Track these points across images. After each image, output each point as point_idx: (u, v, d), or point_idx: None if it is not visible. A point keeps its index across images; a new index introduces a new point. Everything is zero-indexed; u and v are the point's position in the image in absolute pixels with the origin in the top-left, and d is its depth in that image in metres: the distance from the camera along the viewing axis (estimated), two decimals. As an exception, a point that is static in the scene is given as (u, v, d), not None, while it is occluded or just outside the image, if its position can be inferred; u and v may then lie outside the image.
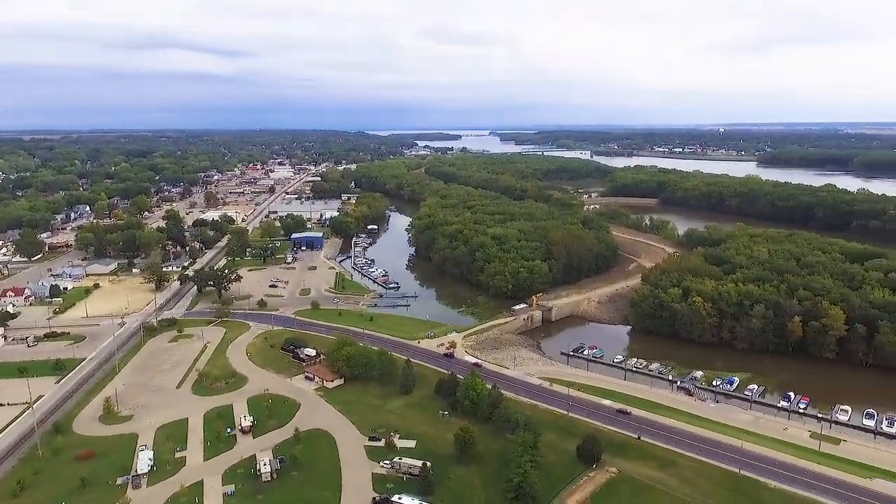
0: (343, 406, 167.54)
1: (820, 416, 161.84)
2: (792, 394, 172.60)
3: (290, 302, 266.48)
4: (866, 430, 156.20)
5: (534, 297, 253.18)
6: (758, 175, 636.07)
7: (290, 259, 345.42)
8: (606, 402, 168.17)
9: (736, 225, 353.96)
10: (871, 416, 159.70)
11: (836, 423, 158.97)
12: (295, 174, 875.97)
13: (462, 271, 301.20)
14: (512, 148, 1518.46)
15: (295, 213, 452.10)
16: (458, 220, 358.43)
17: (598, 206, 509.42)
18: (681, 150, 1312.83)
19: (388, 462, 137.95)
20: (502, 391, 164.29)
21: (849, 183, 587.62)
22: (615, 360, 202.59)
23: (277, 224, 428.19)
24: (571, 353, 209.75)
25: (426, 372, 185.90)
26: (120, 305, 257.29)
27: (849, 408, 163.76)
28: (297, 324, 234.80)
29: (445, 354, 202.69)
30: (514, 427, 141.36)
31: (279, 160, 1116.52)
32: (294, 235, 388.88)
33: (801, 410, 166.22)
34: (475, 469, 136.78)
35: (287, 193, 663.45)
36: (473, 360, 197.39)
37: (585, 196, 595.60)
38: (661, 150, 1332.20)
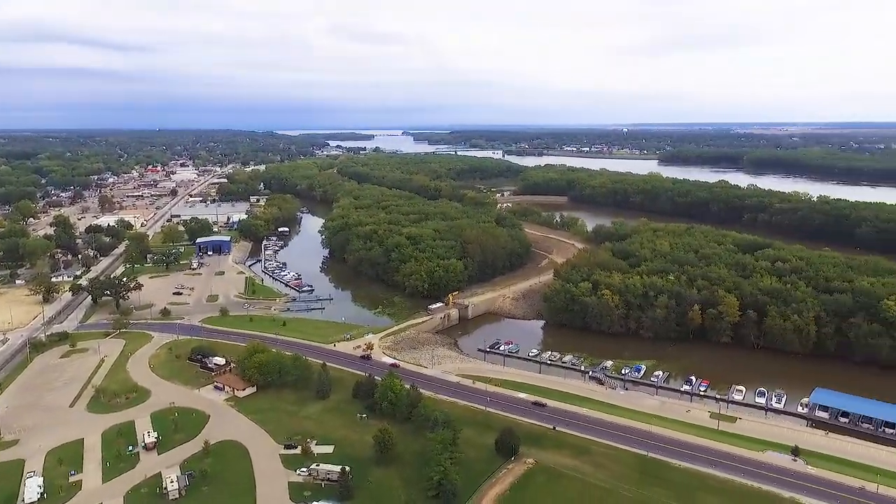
0: (256, 415, 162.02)
1: (718, 397, 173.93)
2: (693, 378, 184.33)
3: (196, 309, 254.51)
4: (758, 407, 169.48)
5: (450, 295, 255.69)
6: (659, 173, 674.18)
7: (195, 265, 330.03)
8: (522, 395, 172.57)
9: (640, 220, 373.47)
10: (762, 395, 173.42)
11: (733, 402, 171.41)
12: (199, 176, 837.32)
13: (378, 272, 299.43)
14: (425, 148, 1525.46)
15: (200, 217, 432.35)
16: (372, 220, 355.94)
17: (510, 205, 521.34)
18: (588, 149, 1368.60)
19: (304, 469, 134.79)
20: (421, 391, 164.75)
21: (740, 179, 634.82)
22: (530, 354, 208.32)
23: (181, 228, 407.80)
24: (488, 350, 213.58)
25: (343, 375, 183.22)
26: (1, 320, 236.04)
27: (743, 388, 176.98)
28: (204, 332, 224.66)
29: (362, 356, 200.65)
30: (433, 426, 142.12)
31: (181, 161, 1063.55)
32: (199, 240, 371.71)
33: (701, 393, 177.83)
34: (395, 470, 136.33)
35: (191, 196, 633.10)
36: (391, 360, 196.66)
37: (498, 195, 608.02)
38: (569, 149, 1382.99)
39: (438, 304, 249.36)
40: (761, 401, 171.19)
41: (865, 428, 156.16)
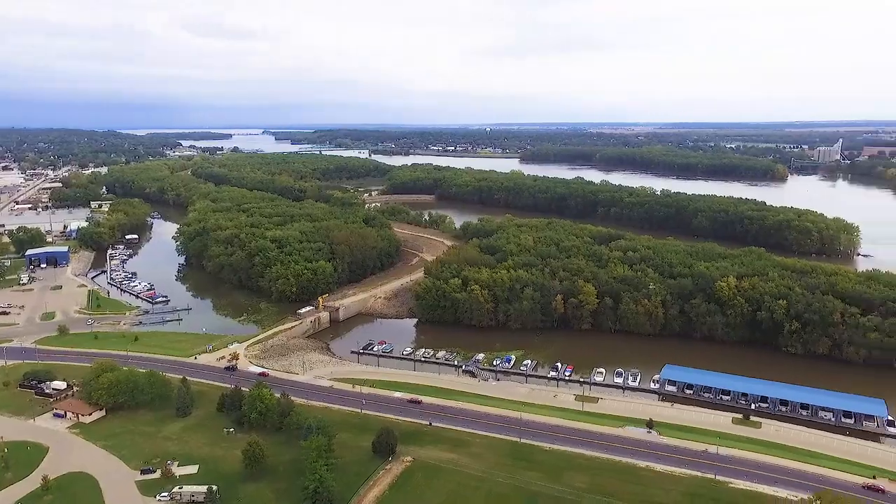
0: (107, 441, 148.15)
1: (582, 380, 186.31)
2: (559, 364, 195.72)
3: (28, 330, 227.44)
4: (617, 386, 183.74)
5: (320, 298, 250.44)
6: (521, 171, 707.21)
7: (25, 279, 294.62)
8: (398, 394, 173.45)
9: (505, 216, 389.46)
10: (620, 375, 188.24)
11: (595, 384, 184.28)
12: (27, 180, 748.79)
13: (241, 278, 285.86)
14: (288, 147, 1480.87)
15: (30, 226, 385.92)
16: (232, 224, 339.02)
17: (379, 204, 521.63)
18: (453, 148, 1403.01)
19: (166, 494, 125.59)
20: (293, 398, 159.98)
21: (594, 176, 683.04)
22: (404, 353, 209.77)
23: (6, 239, 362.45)
24: (362, 351, 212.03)
25: (206, 389, 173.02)
26: None
27: (603, 370, 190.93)
28: (39, 354, 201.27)
29: (227, 368, 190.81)
30: (306, 433, 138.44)
31: (3, 164, 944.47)
32: (30, 252, 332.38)
33: (567, 378, 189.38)
34: (267, 483, 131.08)
35: (17, 203, 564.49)
36: (259, 369, 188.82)
37: (366, 195, 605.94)
38: (435, 148, 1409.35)
39: (308, 308, 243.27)
40: (619, 380, 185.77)
41: (707, 397, 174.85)
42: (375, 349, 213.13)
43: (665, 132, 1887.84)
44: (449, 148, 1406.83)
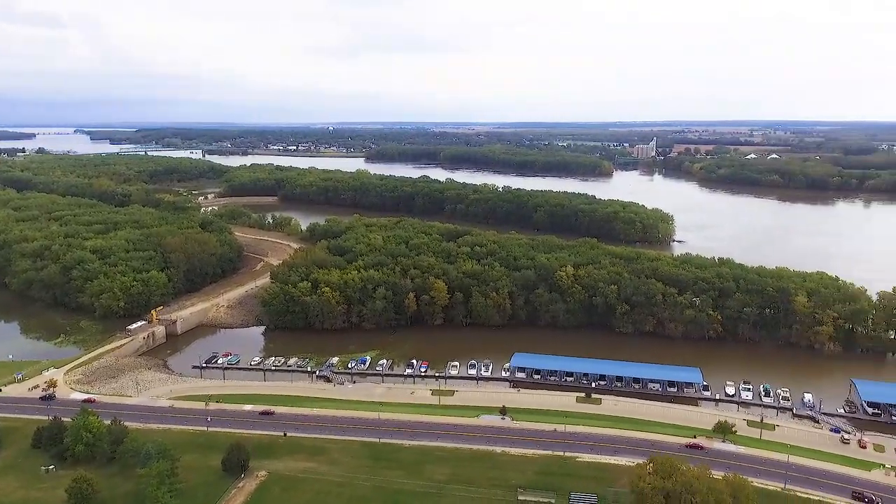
0: None
1: (437, 375, 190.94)
2: (414, 361, 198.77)
3: None
4: (471, 378, 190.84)
5: (153, 311, 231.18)
6: (367, 170, 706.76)
7: None
8: (248, 407, 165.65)
9: (353, 216, 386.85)
10: (473, 366, 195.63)
11: (450, 377, 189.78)
12: None
13: (55, 294, 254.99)
14: (107, 148, 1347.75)
15: None
16: (42, 234, 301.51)
17: (216, 208, 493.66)
18: (295, 147, 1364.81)
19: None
20: (126, 424, 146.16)
21: (439, 174, 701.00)
22: (253, 363, 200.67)
23: None
24: (205, 365, 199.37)
25: (17, 424, 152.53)
26: None
27: (457, 363, 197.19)
28: None
29: (44, 397, 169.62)
30: (145, 459, 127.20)
31: None
32: None
33: (423, 374, 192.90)
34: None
35: None
36: (84, 395, 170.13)
37: (202, 198, 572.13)
38: (276, 147, 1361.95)
39: (140, 323, 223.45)
40: (473, 372, 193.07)
41: (553, 380, 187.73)
42: (220, 362, 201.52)
43: (503, 132, 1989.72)
44: (290, 147, 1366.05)
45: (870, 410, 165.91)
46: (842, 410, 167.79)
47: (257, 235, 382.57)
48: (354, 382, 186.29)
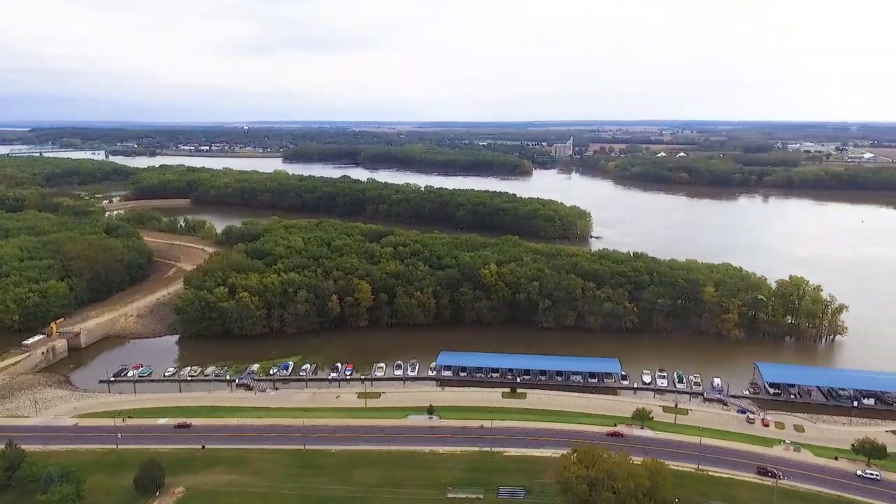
0: None
1: (363, 377, 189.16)
2: (339, 364, 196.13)
3: None
4: (398, 378, 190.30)
5: (53, 324, 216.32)
6: (285, 170, 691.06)
7: None
8: (162, 420, 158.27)
9: (271, 218, 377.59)
10: (399, 367, 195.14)
11: (376, 379, 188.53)
12: None
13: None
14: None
15: None
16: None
17: (123, 212, 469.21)
18: (208, 147, 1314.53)
19: None
20: (23, 447, 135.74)
21: (360, 174, 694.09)
22: (167, 374, 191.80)
23: None
24: (113, 379, 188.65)
25: None
26: None
27: (383, 364, 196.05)
28: None
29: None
30: (46, 484, 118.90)
31: None
32: None
33: (348, 377, 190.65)
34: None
35: None
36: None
37: (106, 201, 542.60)
38: (187, 148, 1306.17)
39: (38, 338, 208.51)
40: (399, 373, 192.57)
41: (479, 377, 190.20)
42: (130, 374, 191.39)
43: (424, 131, 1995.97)
44: (203, 148, 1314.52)
45: (771, 391, 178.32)
46: (747, 392, 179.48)
47: (169, 240, 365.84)
48: (277, 389, 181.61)
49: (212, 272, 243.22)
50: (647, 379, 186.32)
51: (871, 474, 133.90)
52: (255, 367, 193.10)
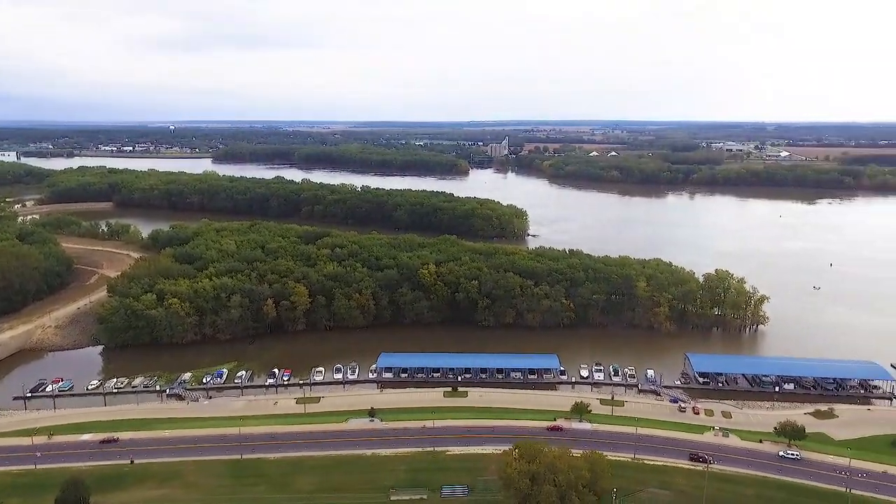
0: None
1: (301, 382, 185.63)
2: (276, 370, 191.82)
3: None
4: (337, 382, 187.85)
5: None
6: (215, 171, 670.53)
7: None
8: (86, 436, 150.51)
9: (201, 221, 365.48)
10: (339, 370, 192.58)
11: (315, 384, 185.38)
12: None
13: None
14: None
15: None
16: None
17: (38, 216, 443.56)
18: (131, 148, 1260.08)
19: None
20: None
21: (294, 175, 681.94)
22: (90, 388, 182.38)
23: None
24: (30, 395, 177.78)
25: None
26: None
27: (322, 368, 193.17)
28: None
29: None
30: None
31: None
32: None
33: (286, 382, 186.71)
34: None
35: None
36: None
37: (18, 206, 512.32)
38: (108, 149, 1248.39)
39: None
40: (339, 376, 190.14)
41: (420, 378, 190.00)
42: (49, 389, 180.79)
43: (360, 130, 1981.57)
44: (126, 148, 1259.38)
45: (701, 380, 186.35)
46: (678, 382, 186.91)
47: (90, 245, 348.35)
48: (210, 398, 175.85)
49: (138, 278, 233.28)
50: (584, 373, 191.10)
51: (791, 454, 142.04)
52: (187, 376, 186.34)
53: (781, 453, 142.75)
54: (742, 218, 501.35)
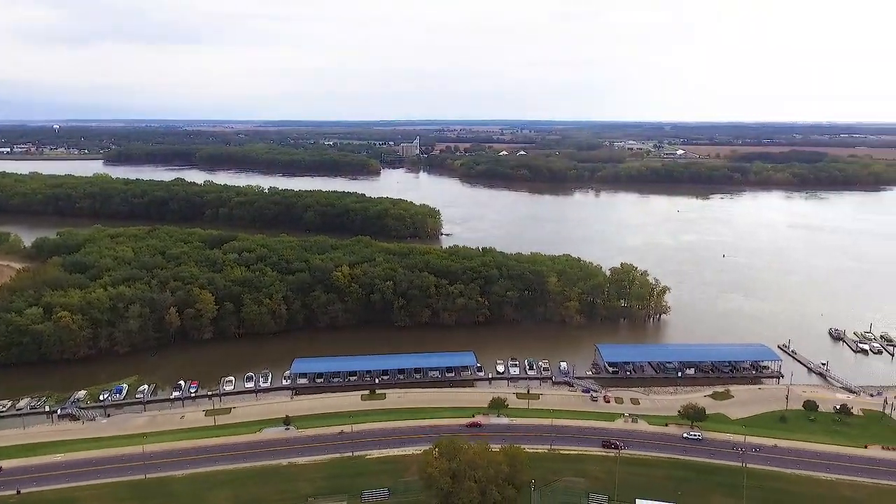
0: None
1: (210, 393, 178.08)
2: (182, 382, 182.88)
3: None
4: (249, 391, 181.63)
5: None
6: (107, 173, 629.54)
7: None
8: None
9: (93, 227, 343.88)
10: (250, 379, 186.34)
11: (225, 394, 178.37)
12: None
13: None
14: None
15: None
16: None
17: None
18: (9, 150, 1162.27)
19: None
20: None
21: (196, 176, 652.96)
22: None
23: None
24: None
25: None
26: None
27: (233, 377, 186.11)
28: None
29: None
30: None
31: None
32: None
33: (193, 395, 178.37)
34: None
35: None
36: None
37: None
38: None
39: None
40: (251, 385, 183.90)
41: (337, 382, 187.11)
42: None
43: (266, 130, 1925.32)
44: (2, 150, 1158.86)
45: (610, 369, 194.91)
46: (590, 373, 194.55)
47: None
48: (109, 416, 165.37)
49: (21, 291, 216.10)
50: (500, 369, 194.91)
51: (694, 435, 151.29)
52: (82, 393, 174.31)
53: (685, 435, 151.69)
54: (644, 213, 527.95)
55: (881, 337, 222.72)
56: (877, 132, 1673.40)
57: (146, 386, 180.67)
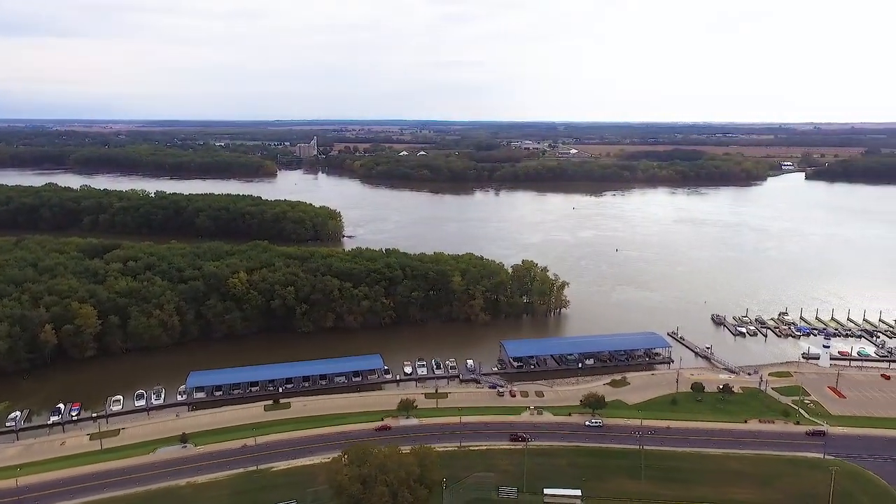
0: None
1: (95, 415, 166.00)
2: (62, 405, 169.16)
3: None
4: (140, 410, 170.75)
5: None
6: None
7: None
8: None
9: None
10: (140, 396, 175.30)
11: (113, 415, 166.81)
12: None
13: None
14: None
15: None
16: None
17: None
18: None
19: None
20: None
21: (70, 180, 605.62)
22: None
23: None
24: None
25: None
26: None
27: (120, 396, 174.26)
28: None
29: None
30: None
31: None
32: None
33: (74, 418, 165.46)
34: None
35: None
36: None
37: None
38: None
39: None
40: (141, 403, 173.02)
41: (237, 394, 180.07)
42: None
43: (150, 130, 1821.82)
44: None
45: (515, 364, 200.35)
46: (496, 368, 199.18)
47: None
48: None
49: None
50: (408, 370, 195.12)
51: (595, 423, 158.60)
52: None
53: (587, 423, 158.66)
54: (542, 211, 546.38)
55: (756, 320, 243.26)
56: (747, 132, 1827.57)
57: (18, 412, 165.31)
